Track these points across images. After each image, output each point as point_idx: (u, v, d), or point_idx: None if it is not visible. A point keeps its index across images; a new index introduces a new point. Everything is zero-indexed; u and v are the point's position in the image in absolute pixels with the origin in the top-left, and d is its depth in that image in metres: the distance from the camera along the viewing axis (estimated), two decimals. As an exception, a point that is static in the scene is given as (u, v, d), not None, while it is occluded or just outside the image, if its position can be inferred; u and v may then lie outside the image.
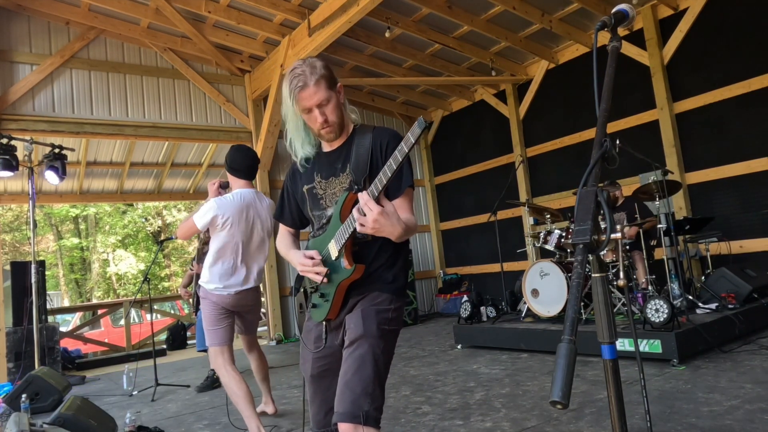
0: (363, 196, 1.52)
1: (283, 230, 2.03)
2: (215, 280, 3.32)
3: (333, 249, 1.73)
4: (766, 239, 5.71)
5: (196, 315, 5.45)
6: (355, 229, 1.62)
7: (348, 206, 1.69)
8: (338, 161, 1.81)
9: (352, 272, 1.69)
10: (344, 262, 1.70)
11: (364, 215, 1.53)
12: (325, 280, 1.74)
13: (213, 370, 5.20)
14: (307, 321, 1.93)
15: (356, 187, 1.71)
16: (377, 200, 1.53)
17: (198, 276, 5.48)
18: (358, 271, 1.70)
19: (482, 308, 6.07)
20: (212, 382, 5.12)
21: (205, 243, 5.39)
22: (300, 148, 1.85)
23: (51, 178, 5.94)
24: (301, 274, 1.84)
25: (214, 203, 3.28)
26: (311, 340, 1.88)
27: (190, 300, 5.74)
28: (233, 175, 3.44)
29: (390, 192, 1.69)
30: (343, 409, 1.59)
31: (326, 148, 1.87)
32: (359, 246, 1.76)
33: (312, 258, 1.76)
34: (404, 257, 1.86)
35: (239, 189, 3.43)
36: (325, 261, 1.76)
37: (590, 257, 1.03)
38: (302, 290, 1.92)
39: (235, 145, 3.52)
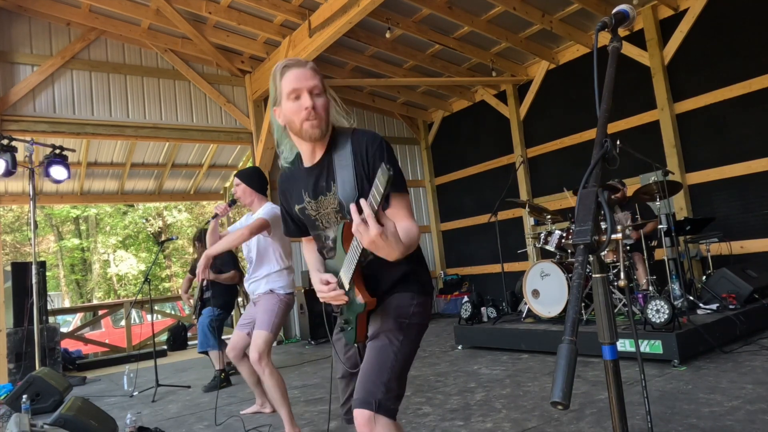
0: (365, 209, 1.36)
1: (304, 242, 1.99)
2: (291, 285, 3.55)
3: (344, 279, 1.67)
4: (766, 240, 5.71)
5: (197, 320, 5.43)
6: (359, 260, 1.56)
7: (347, 236, 1.62)
8: (321, 178, 1.71)
9: (364, 307, 1.64)
10: (358, 298, 1.65)
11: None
12: (343, 300, 1.69)
13: (219, 370, 5.20)
14: (337, 329, 1.95)
15: (349, 217, 1.57)
16: (377, 216, 1.37)
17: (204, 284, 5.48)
18: (370, 304, 1.66)
19: (483, 309, 6.06)
20: (219, 382, 5.12)
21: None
22: (288, 150, 1.77)
23: (59, 172, 5.98)
24: (320, 300, 1.76)
25: (270, 204, 3.48)
26: (341, 346, 1.91)
27: (191, 301, 5.74)
28: (263, 193, 3.61)
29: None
30: (358, 396, 1.61)
31: (307, 162, 1.76)
32: (372, 265, 1.66)
33: (328, 283, 1.68)
34: (424, 265, 1.83)
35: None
36: (341, 287, 1.72)
37: (591, 258, 1.03)
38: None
39: (253, 167, 3.76)
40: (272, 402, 3.32)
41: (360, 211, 1.37)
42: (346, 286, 1.67)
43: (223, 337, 5.37)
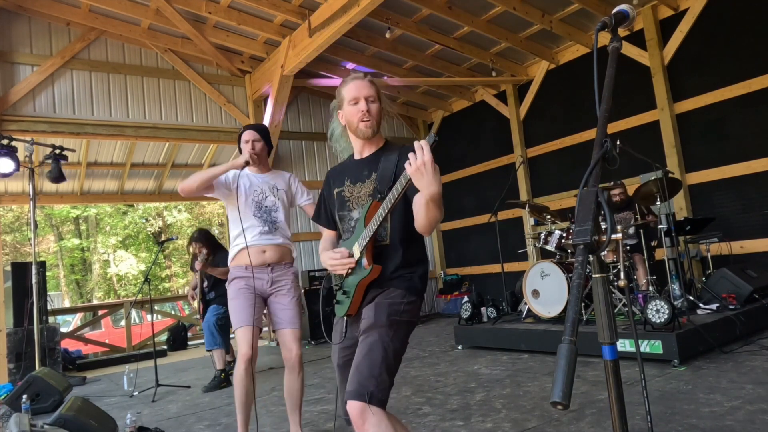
0: (422, 142, 1.60)
1: (325, 234, 2.23)
2: None
3: (356, 250, 1.90)
4: (766, 239, 5.71)
5: (203, 319, 5.46)
6: (375, 232, 1.81)
7: (371, 213, 1.86)
8: (365, 168, 1.99)
9: (369, 272, 1.86)
10: (364, 262, 1.87)
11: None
12: (347, 270, 1.91)
13: (220, 370, 5.20)
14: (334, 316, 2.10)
15: (379, 195, 1.87)
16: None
17: (204, 286, 5.51)
18: (375, 271, 1.86)
19: (483, 309, 6.06)
20: (219, 383, 5.13)
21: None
22: (346, 150, 2.11)
23: (56, 174, 5.99)
24: (329, 269, 1.99)
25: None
26: (337, 334, 2.06)
27: (194, 302, 5.76)
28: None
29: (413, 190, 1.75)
30: (351, 388, 1.73)
31: (357, 156, 2.07)
32: (382, 251, 1.91)
33: (341, 254, 1.93)
34: (425, 266, 2.00)
35: None
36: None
37: (591, 258, 1.03)
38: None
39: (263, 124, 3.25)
40: (292, 402, 3.07)
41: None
42: (357, 255, 1.89)
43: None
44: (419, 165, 1.59)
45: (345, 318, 2.01)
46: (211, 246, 5.50)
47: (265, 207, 3.12)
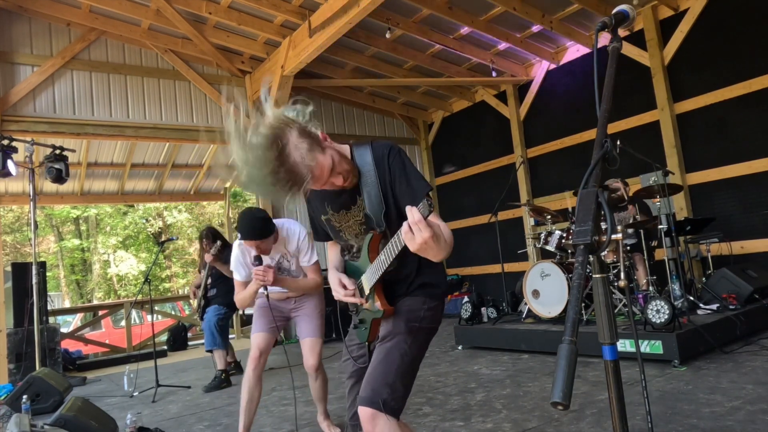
0: (415, 215, 1.39)
1: (329, 243, 2.06)
2: None
3: (366, 285, 1.80)
4: (766, 240, 5.71)
5: (202, 319, 5.49)
6: (384, 271, 1.67)
7: (374, 246, 1.74)
8: (344, 193, 1.76)
9: (382, 314, 1.76)
10: (376, 304, 1.77)
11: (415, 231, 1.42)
12: (362, 303, 1.83)
13: (221, 370, 5.21)
14: (351, 327, 2.00)
15: (379, 229, 1.72)
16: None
17: (207, 283, 5.54)
18: (387, 313, 1.77)
19: (483, 309, 6.06)
20: (220, 383, 5.13)
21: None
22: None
23: (63, 174, 5.98)
24: (335, 298, 1.89)
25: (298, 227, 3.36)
26: (354, 346, 1.98)
27: (194, 302, 5.78)
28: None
29: (404, 203, 1.64)
30: (364, 394, 1.66)
31: None
32: (389, 275, 1.75)
33: (345, 288, 1.83)
34: (434, 266, 1.78)
35: None
36: (360, 291, 1.84)
37: (591, 258, 1.03)
38: None
39: (248, 216, 3.08)
40: (317, 397, 3.37)
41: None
42: (366, 292, 1.79)
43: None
44: (420, 244, 1.39)
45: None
46: (222, 241, 5.52)
47: (284, 269, 3.26)
